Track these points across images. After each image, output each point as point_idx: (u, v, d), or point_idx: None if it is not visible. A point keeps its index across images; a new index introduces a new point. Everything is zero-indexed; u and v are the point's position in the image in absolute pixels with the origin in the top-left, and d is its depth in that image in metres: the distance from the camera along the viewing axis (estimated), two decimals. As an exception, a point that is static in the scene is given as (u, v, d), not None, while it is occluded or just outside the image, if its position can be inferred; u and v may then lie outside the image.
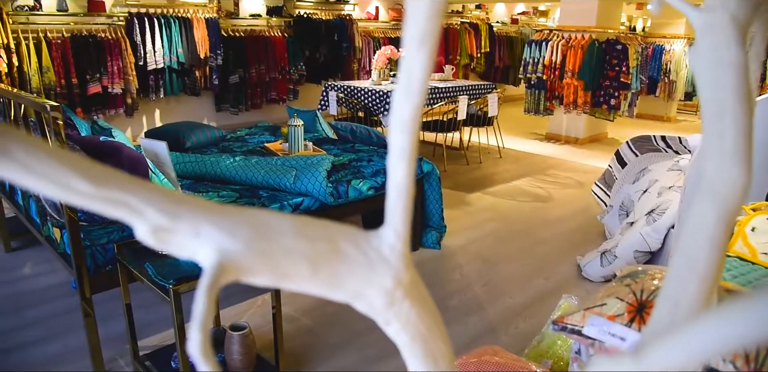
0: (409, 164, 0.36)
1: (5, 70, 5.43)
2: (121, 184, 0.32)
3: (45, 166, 0.29)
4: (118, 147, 2.65)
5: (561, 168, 5.83)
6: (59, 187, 0.30)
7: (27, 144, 0.28)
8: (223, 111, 7.39)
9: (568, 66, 6.75)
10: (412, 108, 0.33)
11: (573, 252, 3.59)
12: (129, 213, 0.33)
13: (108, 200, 0.32)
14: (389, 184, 0.38)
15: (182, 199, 0.35)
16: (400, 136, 0.34)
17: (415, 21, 0.30)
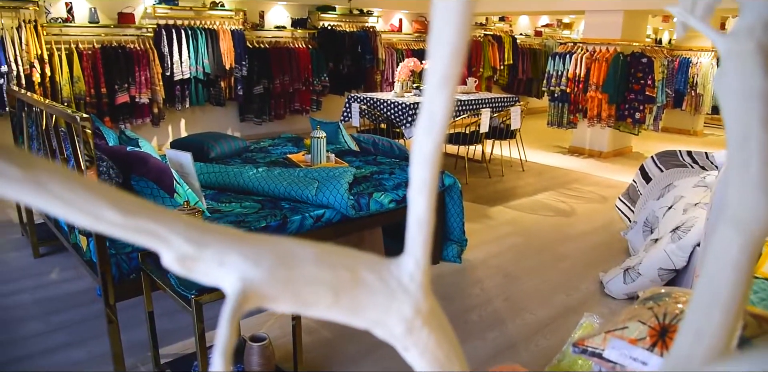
0: (429, 196, 0.36)
1: (38, 80, 5.58)
2: (150, 213, 0.33)
3: (78, 198, 0.30)
4: (145, 157, 2.70)
5: (584, 182, 5.77)
6: (91, 218, 0.31)
7: (61, 177, 0.29)
8: (247, 121, 7.48)
9: (593, 79, 6.71)
10: (433, 145, 0.34)
11: (595, 268, 3.54)
12: (157, 242, 0.34)
13: (137, 229, 0.33)
14: (410, 215, 0.38)
15: (208, 227, 0.36)
16: (421, 170, 0.35)
17: (437, 65, 0.31)
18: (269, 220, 2.77)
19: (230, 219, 2.75)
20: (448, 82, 0.31)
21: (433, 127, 0.33)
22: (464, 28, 0.31)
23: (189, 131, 7.09)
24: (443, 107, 0.32)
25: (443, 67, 0.31)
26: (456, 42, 0.31)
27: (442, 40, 0.31)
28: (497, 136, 5.92)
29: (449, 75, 0.31)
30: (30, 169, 0.29)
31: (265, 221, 2.75)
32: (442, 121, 0.33)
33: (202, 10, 6.77)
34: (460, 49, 0.31)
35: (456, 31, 0.30)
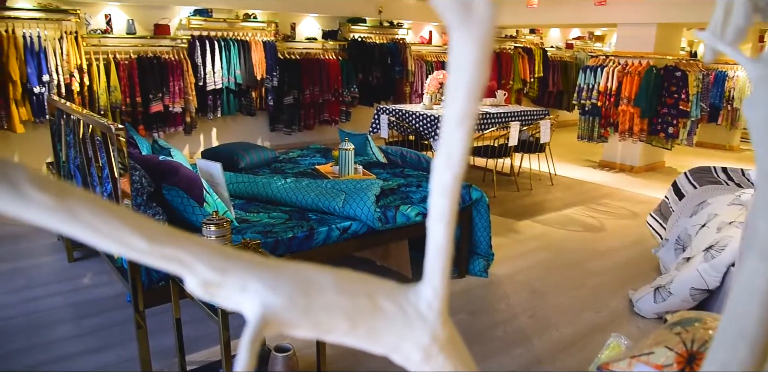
0: (448, 225, 0.37)
1: (77, 89, 5.75)
2: (175, 240, 0.34)
3: (107, 226, 0.31)
4: (176, 167, 2.76)
5: (615, 197, 5.68)
6: (120, 245, 0.32)
7: (92, 205, 0.31)
8: (277, 131, 7.58)
9: (624, 92, 6.62)
10: (452, 177, 0.34)
11: (625, 286, 3.47)
12: (181, 268, 0.35)
13: (162, 256, 0.34)
14: (429, 243, 0.39)
15: (231, 254, 0.36)
16: (440, 200, 0.35)
17: (455, 103, 0.31)
18: (296, 231, 2.79)
19: (258, 229, 2.79)
20: (465, 121, 0.32)
21: (451, 160, 0.33)
22: (480, 71, 0.31)
23: (220, 140, 7.21)
24: (461, 144, 0.33)
25: (461, 107, 0.31)
26: (472, 83, 0.31)
27: (460, 81, 0.31)
28: (526, 149, 5.87)
29: (466, 114, 0.32)
30: (62, 198, 0.30)
31: (292, 232, 2.78)
32: (459, 155, 0.33)
33: (236, 22, 6.91)
34: (477, 91, 0.31)
35: (472, 73, 0.31)
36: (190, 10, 6.56)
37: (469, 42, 0.30)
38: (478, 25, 0.30)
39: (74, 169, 3.16)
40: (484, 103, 6.66)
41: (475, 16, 0.30)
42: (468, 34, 0.30)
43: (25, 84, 5.51)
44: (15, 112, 5.55)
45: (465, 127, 0.32)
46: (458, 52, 0.30)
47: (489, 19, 0.30)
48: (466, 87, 0.30)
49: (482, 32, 0.30)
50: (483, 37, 0.30)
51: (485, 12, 0.30)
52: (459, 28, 0.30)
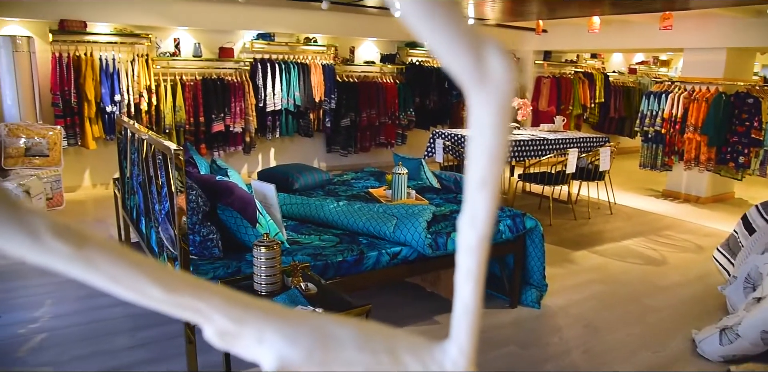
0: (476, 284, 0.34)
1: (145, 109, 6.02)
2: (192, 290, 0.33)
3: (125, 275, 0.31)
4: (231, 187, 2.81)
5: (678, 229, 5.42)
6: (137, 294, 0.32)
7: (110, 254, 0.30)
8: (333, 152, 7.68)
9: (691, 120, 6.37)
10: (477, 237, 0.32)
11: (688, 325, 3.28)
12: (198, 317, 0.34)
13: (179, 306, 0.33)
14: (456, 301, 0.36)
15: (249, 303, 0.35)
16: (467, 259, 0.33)
17: (477, 167, 0.29)
18: (346, 255, 2.78)
19: (308, 251, 2.80)
20: (488, 183, 0.30)
21: (476, 222, 0.31)
22: (500, 134, 0.29)
23: (278, 160, 7.37)
24: (484, 206, 0.30)
25: (482, 170, 0.29)
26: (493, 147, 0.29)
27: (480, 145, 0.29)
28: (585, 176, 5.71)
29: (488, 177, 0.29)
30: (81, 247, 0.29)
31: (341, 255, 2.77)
32: (484, 217, 0.31)
33: (296, 45, 7.10)
34: (499, 154, 0.29)
35: (492, 137, 0.29)
36: (253, 34, 6.80)
37: (487, 105, 0.28)
38: (496, 87, 0.28)
39: (137, 186, 3.27)
40: (542, 128, 6.54)
41: (492, 79, 0.28)
42: (485, 97, 0.28)
43: (98, 103, 5.82)
44: (89, 130, 5.86)
45: (488, 190, 0.30)
46: (477, 114, 0.28)
47: (506, 81, 0.28)
48: (487, 150, 0.28)
49: (500, 95, 0.28)
50: (501, 100, 0.28)
51: (502, 74, 0.28)
52: (475, 90, 0.28)
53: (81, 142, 5.92)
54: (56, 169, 5.42)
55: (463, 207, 0.33)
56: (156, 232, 2.86)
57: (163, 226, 2.64)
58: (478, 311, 0.36)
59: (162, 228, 2.67)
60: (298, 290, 2.23)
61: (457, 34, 0.28)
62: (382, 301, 3.42)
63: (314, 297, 2.23)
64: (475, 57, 0.28)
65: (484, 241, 0.33)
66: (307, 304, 2.14)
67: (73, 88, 5.66)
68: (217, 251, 2.65)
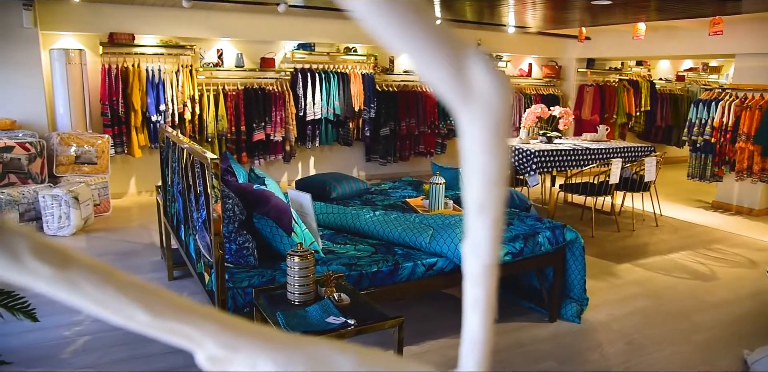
0: (484, 315, 0.31)
1: (189, 118, 6.16)
2: (182, 314, 0.31)
3: (109, 299, 0.29)
4: (268, 196, 2.83)
5: (729, 242, 5.20)
6: (122, 317, 0.30)
7: (94, 277, 0.29)
8: (372, 161, 7.69)
9: (742, 128, 6.12)
10: (481, 265, 0.29)
11: (739, 344, 3.12)
12: (189, 343, 0.32)
13: (168, 330, 0.31)
14: (464, 331, 0.33)
15: (242, 328, 0.33)
16: (473, 288, 0.31)
17: (474, 191, 0.26)
18: (381, 266, 2.76)
19: (343, 261, 2.79)
20: (486, 209, 0.27)
21: (478, 250, 0.28)
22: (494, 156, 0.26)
23: (317, 169, 7.42)
24: (486, 233, 0.28)
25: (478, 194, 0.27)
26: (487, 169, 0.26)
27: (474, 167, 0.26)
28: (629, 187, 5.54)
29: (486, 202, 0.27)
30: (63, 269, 0.28)
31: (376, 266, 2.75)
32: (486, 245, 0.28)
33: (337, 55, 7.16)
34: (495, 176, 0.27)
35: (485, 159, 0.26)
36: (294, 44, 6.89)
37: (477, 125, 0.25)
38: (484, 104, 0.25)
39: (177, 194, 3.33)
40: (584, 138, 6.40)
41: (478, 94, 0.25)
42: (473, 115, 0.25)
43: (144, 113, 5.99)
44: (135, 138, 6.03)
45: (487, 216, 0.27)
46: (467, 135, 0.26)
47: (496, 96, 0.25)
48: (482, 173, 0.26)
49: (490, 113, 0.25)
50: (492, 118, 0.25)
51: (489, 89, 0.25)
52: (461, 108, 0.25)
53: (127, 150, 6.09)
54: (104, 177, 5.59)
55: (466, 234, 0.31)
56: (194, 240, 2.90)
57: (200, 233, 2.68)
58: (488, 343, 0.33)
59: (199, 236, 2.70)
60: (331, 301, 2.21)
61: (431, 43, 0.25)
62: (417, 312, 3.38)
63: (347, 308, 2.21)
64: (455, 69, 0.25)
65: (489, 270, 0.30)
66: (339, 314, 2.12)
67: (120, 99, 5.84)
68: (253, 260, 2.66)
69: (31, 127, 5.53)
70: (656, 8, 5.66)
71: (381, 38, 0.28)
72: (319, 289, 2.35)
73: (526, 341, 3.07)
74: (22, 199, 4.85)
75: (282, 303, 2.32)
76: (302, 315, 2.16)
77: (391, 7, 0.25)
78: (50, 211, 4.83)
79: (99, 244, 4.72)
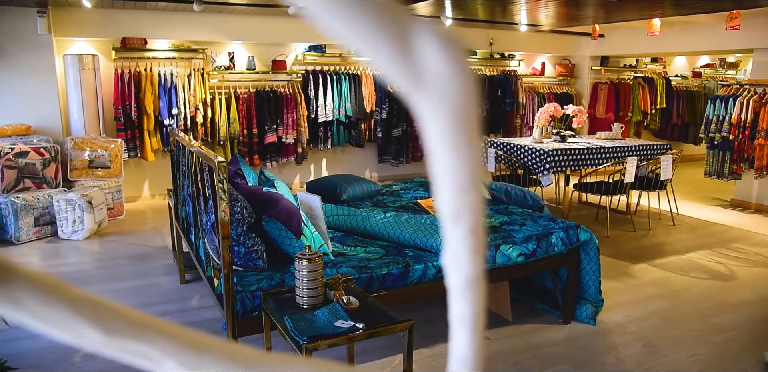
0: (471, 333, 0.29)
1: (201, 121, 6.18)
2: (138, 332, 0.29)
3: (57, 315, 0.27)
4: (277, 199, 2.82)
5: (749, 241, 5.09)
6: (73, 335, 0.28)
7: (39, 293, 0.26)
8: (384, 162, 7.67)
9: (762, 125, 6.00)
10: (464, 279, 0.26)
11: (760, 346, 3.04)
12: (147, 363, 0.30)
13: (123, 350, 0.29)
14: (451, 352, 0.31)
15: (206, 346, 0.31)
16: (458, 304, 0.28)
17: (445, 196, 0.24)
18: (391, 268, 2.73)
19: (353, 263, 2.76)
20: (462, 216, 0.24)
21: (459, 262, 0.26)
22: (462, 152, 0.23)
23: (329, 170, 7.41)
24: (464, 244, 0.25)
25: (452, 201, 0.24)
26: (459, 170, 0.23)
27: (441, 167, 0.24)
28: (645, 186, 5.46)
29: (461, 209, 0.24)
30: (4, 284, 0.26)
31: (387, 268, 2.72)
32: (466, 257, 0.25)
33: (348, 57, 7.15)
34: (468, 180, 0.24)
35: (451, 156, 0.23)
36: (305, 47, 6.89)
37: (433, 114, 0.22)
38: (438, 89, 0.22)
39: (187, 198, 3.34)
40: (599, 136, 6.32)
41: (430, 78, 0.22)
42: (427, 103, 0.22)
43: (157, 116, 6.02)
44: (148, 142, 6.07)
45: (464, 224, 0.24)
46: (426, 128, 0.23)
47: (452, 79, 0.22)
48: (449, 175, 0.23)
49: (446, 99, 0.22)
50: (449, 105, 0.22)
51: (443, 71, 0.22)
52: (414, 95, 0.22)
53: (140, 154, 6.13)
54: (117, 180, 5.62)
55: (444, 245, 0.28)
56: (203, 243, 2.89)
57: (209, 237, 2.67)
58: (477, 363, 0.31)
59: (208, 239, 2.69)
60: (340, 304, 2.19)
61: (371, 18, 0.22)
62: (428, 315, 3.34)
63: (356, 311, 2.19)
64: (400, 48, 0.22)
65: (473, 284, 0.28)
66: (348, 318, 2.09)
67: (133, 103, 5.87)
68: (262, 263, 2.65)
69: (46, 132, 5.58)
70: (671, 3, 5.57)
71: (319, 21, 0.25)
72: (328, 292, 2.33)
73: (540, 344, 3.03)
74: (36, 204, 4.90)
75: (290, 306, 2.30)
76: (310, 319, 2.14)
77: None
78: (64, 216, 4.87)
79: (112, 247, 4.75)
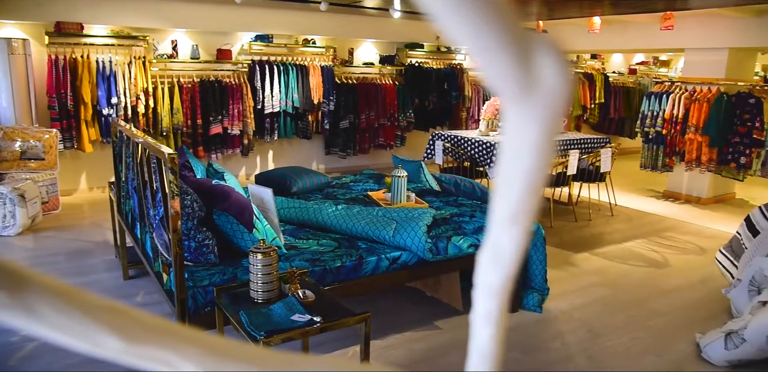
0: (496, 329, 0.29)
1: (142, 111, 5.97)
2: (158, 338, 0.28)
3: (74, 324, 0.26)
4: (228, 192, 2.76)
5: (680, 230, 5.38)
6: (90, 344, 0.27)
7: (55, 300, 0.25)
8: (332, 154, 7.63)
9: (692, 120, 6.32)
10: (501, 279, 0.27)
11: (692, 328, 3.23)
12: (166, 368, 0.29)
13: (143, 357, 0.28)
14: (472, 345, 0.31)
15: (225, 350, 0.30)
16: (487, 301, 0.28)
17: (507, 198, 0.24)
18: (345, 260, 2.73)
19: (306, 257, 2.75)
20: (520, 218, 0.25)
21: (501, 261, 0.26)
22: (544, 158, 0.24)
23: (276, 162, 7.32)
24: (513, 244, 0.25)
25: (515, 203, 0.24)
26: (533, 174, 0.24)
27: (515, 170, 0.24)
28: (585, 178, 5.66)
29: (521, 212, 0.24)
30: (18, 292, 0.24)
31: (340, 261, 2.72)
32: (511, 256, 0.26)
33: (295, 47, 7.05)
34: (538, 184, 0.24)
35: (533, 161, 0.24)
36: (251, 36, 6.75)
37: (532, 120, 0.23)
38: (546, 97, 0.23)
39: (132, 191, 3.22)
40: (542, 129, 6.48)
41: (542, 86, 0.23)
42: (530, 109, 0.23)
43: (95, 106, 5.76)
44: (85, 133, 5.80)
45: (520, 227, 0.25)
46: (515, 132, 0.24)
47: (561, 90, 0.23)
48: (523, 178, 0.23)
49: (550, 107, 0.23)
50: (551, 113, 0.23)
51: (556, 81, 0.23)
52: (518, 101, 0.23)
53: (77, 145, 5.86)
54: (52, 173, 5.36)
55: (486, 242, 0.29)
56: (151, 238, 2.81)
57: (157, 231, 2.59)
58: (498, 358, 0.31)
59: (156, 233, 2.62)
60: (296, 298, 2.17)
61: (499, 31, 0.23)
62: (382, 306, 3.37)
63: (312, 305, 2.18)
64: (522, 60, 0.23)
65: (508, 282, 0.28)
66: (305, 312, 2.09)
67: (69, 91, 5.60)
68: (213, 257, 2.59)
69: (-27, 122, 5.26)
70: (610, 3, 5.77)
71: (442, 25, 0.26)
72: (283, 286, 2.31)
73: (489, 332, 3.10)
74: (-36, 197, 4.62)
75: (245, 301, 2.27)
76: (266, 313, 2.11)
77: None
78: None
79: (48, 243, 4.54)
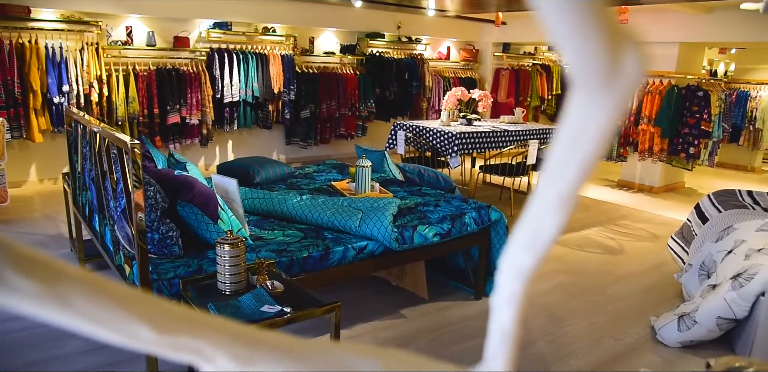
0: (517, 310, 0.30)
1: (96, 100, 5.77)
2: (190, 328, 0.28)
3: (108, 315, 0.25)
4: (191, 182, 2.71)
5: (634, 218, 5.56)
6: (124, 336, 0.26)
7: (88, 290, 0.25)
8: (292, 144, 7.56)
9: (645, 112, 6.53)
10: (533, 262, 0.28)
11: (647, 312, 3.36)
12: (199, 359, 0.29)
13: (177, 347, 0.28)
14: (493, 324, 0.32)
15: (255, 339, 0.30)
16: (513, 283, 0.29)
17: (557, 181, 0.25)
18: (311, 251, 2.73)
19: (272, 247, 2.73)
20: (565, 204, 0.25)
21: (537, 244, 0.27)
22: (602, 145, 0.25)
23: (236, 153, 7.20)
24: (552, 229, 0.26)
25: (564, 187, 0.25)
26: (590, 159, 0.25)
27: (573, 155, 0.25)
28: (544, 167, 5.77)
29: (569, 196, 0.25)
30: (52, 284, 0.24)
31: (307, 251, 2.72)
32: (548, 240, 0.27)
33: (254, 35, 6.93)
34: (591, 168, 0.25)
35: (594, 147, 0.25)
36: (209, 23, 6.60)
37: (604, 109, 0.24)
38: (625, 85, 0.23)
39: (89, 182, 3.13)
40: (502, 120, 6.59)
41: (623, 75, 0.24)
42: (605, 98, 0.23)
43: (45, 94, 5.54)
44: (34, 122, 5.58)
45: (565, 211, 0.25)
46: (580, 118, 0.24)
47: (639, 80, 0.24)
48: (580, 162, 0.24)
49: (626, 95, 0.24)
50: (624, 100, 0.24)
51: (637, 71, 0.24)
52: (596, 88, 0.24)
53: (26, 134, 5.64)
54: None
55: (521, 226, 0.29)
56: (111, 230, 2.74)
57: (119, 223, 2.53)
58: (517, 337, 0.33)
59: (118, 226, 2.55)
60: (264, 289, 2.16)
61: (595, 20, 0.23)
62: (349, 296, 3.38)
63: (281, 295, 2.17)
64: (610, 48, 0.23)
65: (536, 268, 0.29)
66: (274, 303, 2.08)
67: (16, 78, 5.37)
68: (177, 249, 2.55)
69: None
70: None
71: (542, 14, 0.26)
72: (251, 277, 2.29)
73: (455, 320, 3.16)
74: None
75: (212, 293, 2.24)
76: (235, 305, 2.10)
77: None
78: (-60, 202, 4.40)
79: (-1, 236, 4.36)
